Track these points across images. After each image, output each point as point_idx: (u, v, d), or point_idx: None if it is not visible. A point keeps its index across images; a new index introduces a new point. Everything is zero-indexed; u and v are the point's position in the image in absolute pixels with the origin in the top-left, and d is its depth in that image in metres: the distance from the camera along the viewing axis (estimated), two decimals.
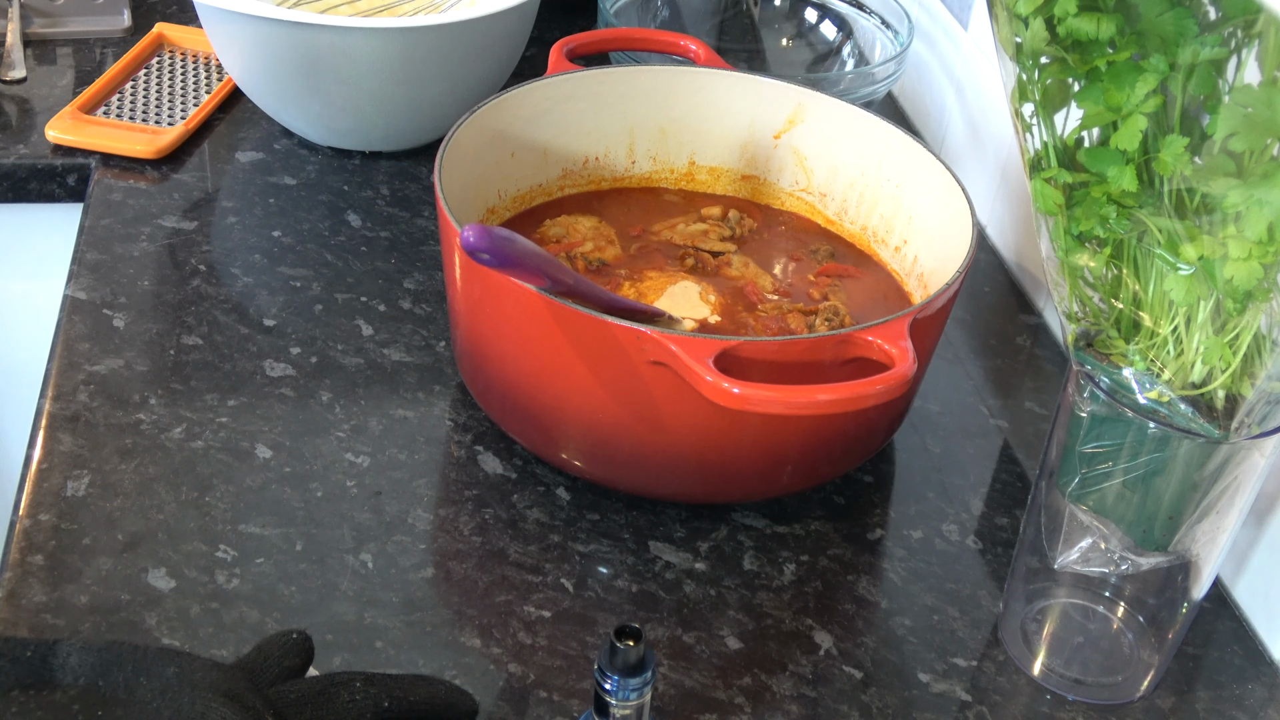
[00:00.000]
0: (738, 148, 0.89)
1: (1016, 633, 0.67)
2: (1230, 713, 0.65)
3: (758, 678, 0.64)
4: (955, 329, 0.89)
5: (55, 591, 0.63)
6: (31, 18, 1.12)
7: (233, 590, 0.65)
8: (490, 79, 0.99)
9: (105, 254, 0.86)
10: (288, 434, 0.74)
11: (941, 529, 0.73)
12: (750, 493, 0.72)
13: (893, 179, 0.84)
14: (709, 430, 0.67)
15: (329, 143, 1.00)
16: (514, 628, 0.65)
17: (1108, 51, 0.53)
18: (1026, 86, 0.57)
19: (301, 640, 0.54)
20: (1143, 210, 0.54)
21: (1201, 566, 0.61)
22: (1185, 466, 0.57)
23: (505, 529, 0.70)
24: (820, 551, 0.71)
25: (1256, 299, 0.52)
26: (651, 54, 0.96)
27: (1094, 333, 0.59)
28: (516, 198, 0.86)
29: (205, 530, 0.68)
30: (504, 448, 0.75)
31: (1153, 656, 0.65)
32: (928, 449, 0.79)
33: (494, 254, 0.60)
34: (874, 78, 1.00)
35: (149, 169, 0.96)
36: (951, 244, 0.75)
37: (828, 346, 0.64)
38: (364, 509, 0.70)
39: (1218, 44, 0.50)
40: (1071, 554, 0.62)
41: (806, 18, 1.15)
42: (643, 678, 0.52)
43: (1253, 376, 0.54)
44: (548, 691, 0.62)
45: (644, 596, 0.67)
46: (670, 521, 0.72)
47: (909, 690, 0.64)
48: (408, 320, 0.84)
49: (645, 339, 0.62)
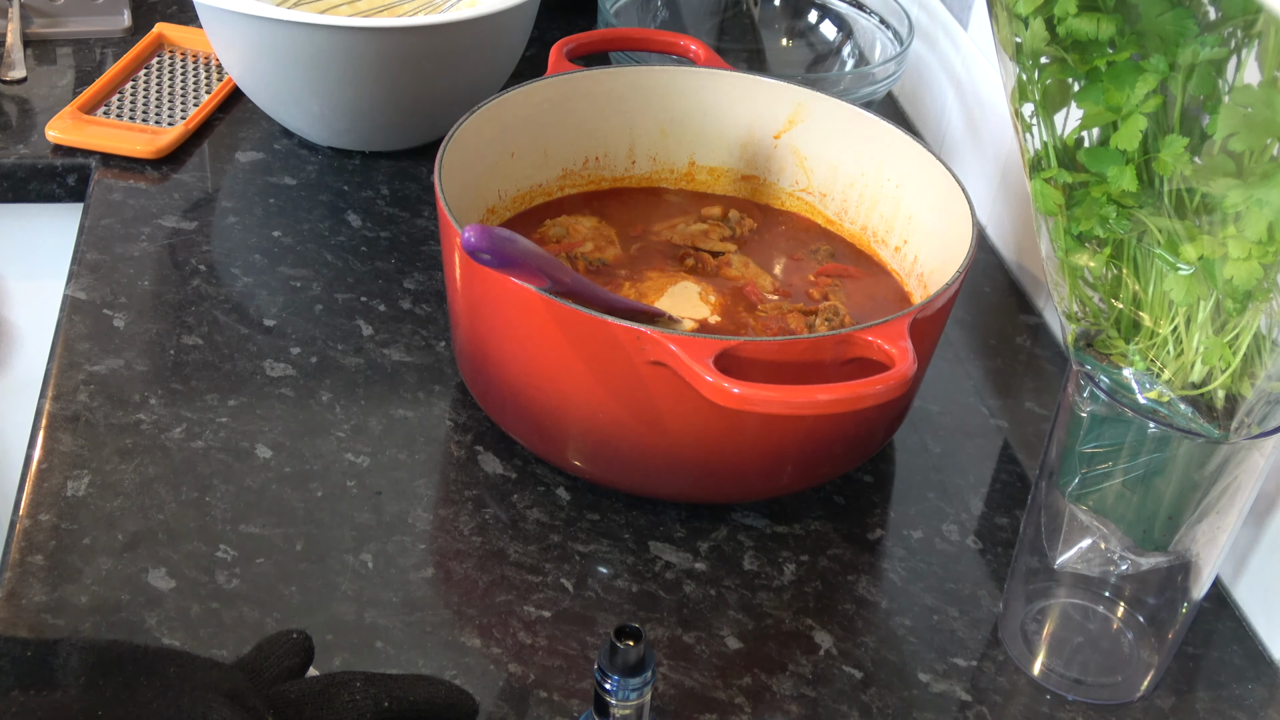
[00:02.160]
0: (738, 148, 0.89)
1: (1016, 633, 0.67)
2: (1230, 713, 0.65)
3: (758, 678, 0.64)
4: (955, 329, 0.89)
5: (55, 591, 0.63)
6: (31, 18, 1.12)
7: (233, 590, 0.65)
8: (490, 79, 0.99)
9: (105, 254, 0.86)
10: (288, 434, 0.74)
11: (941, 529, 0.73)
12: (750, 493, 0.72)
13: (893, 179, 0.84)
14: (709, 430, 0.67)
15: (329, 143, 1.00)
16: (514, 628, 0.65)
17: (1108, 51, 0.53)
18: (1026, 86, 0.57)
19: (301, 640, 0.54)
20: (1143, 210, 0.54)
21: (1201, 566, 0.61)
22: (1185, 466, 0.57)
23: (505, 529, 0.70)
24: (820, 551, 0.71)
25: (1256, 299, 0.52)
26: (651, 54, 0.96)
27: (1094, 333, 0.59)
28: (516, 198, 0.86)
29: (205, 530, 0.68)
30: (504, 448, 0.75)
31: (1153, 656, 0.65)
32: (928, 449, 0.79)
33: (494, 254, 0.60)
34: (874, 78, 1.00)
35: (149, 169, 0.96)
36: (951, 244, 0.75)
37: (828, 346, 0.64)
38: (364, 509, 0.70)
39: (1218, 44, 0.50)
40: (1071, 554, 0.62)
41: (806, 18, 1.15)
42: (643, 678, 0.52)
43: (1253, 376, 0.54)
44: (548, 691, 0.62)
45: (644, 596, 0.67)
46: (670, 521, 0.72)
47: (909, 690, 0.64)
48: (408, 320, 0.84)
49: (645, 339, 0.62)
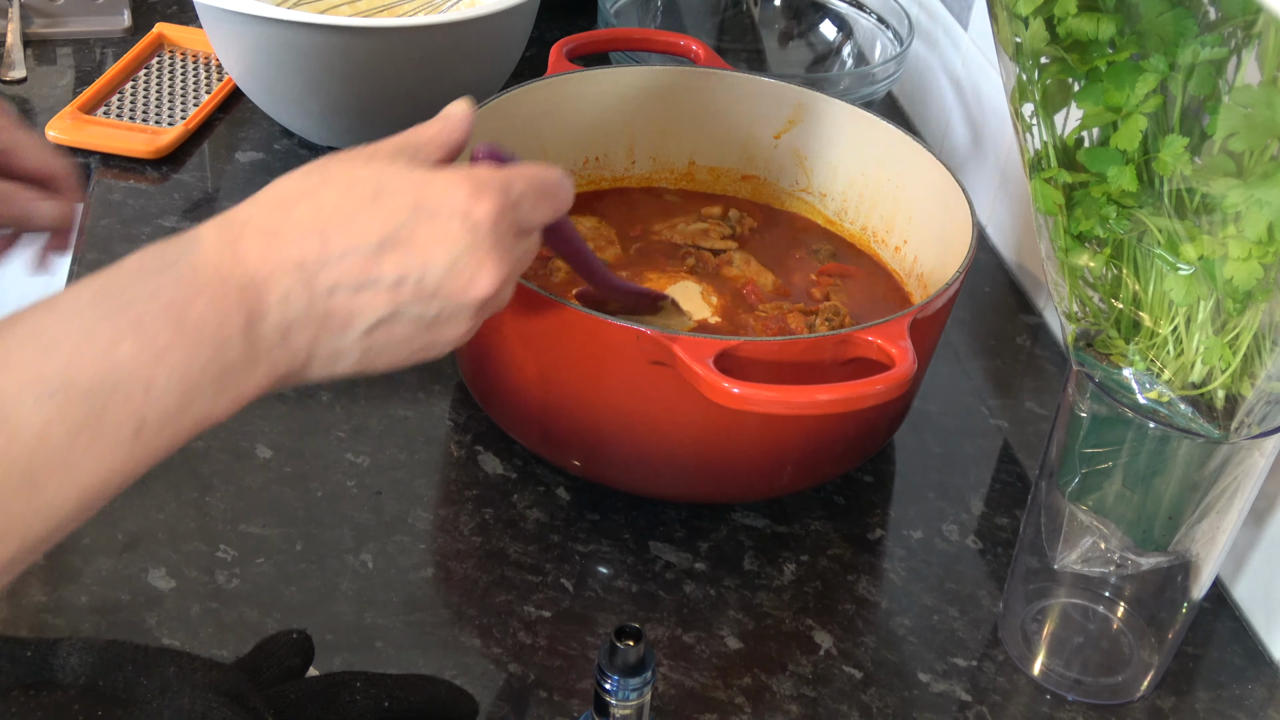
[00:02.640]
0: (738, 148, 0.89)
1: (1016, 633, 0.67)
2: (1230, 713, 0.65)
3: (758, 678, 0.64)
4: (955, 329, 0.89)
5: (55, 591, 0.63)
6: (31, 18, 1.12)
7: (233, 590, 0.65)
8: (490, 79, 0.99)
9: (105, 254, 0.86)
10: (288, 434, 0.74)
11: (941, 529, 0.73)
12: (750, 493, 0.72)
13: (893, 179, 0.84)
14: (709, 430, 0.67)
15: (329, 143, 1.00)
16: (514, 628, 0.65)
17: (1108, 51, 0.53)
18: (1026, 86, 0.57)
19: (301, 640, 0.54)
20: (1143, 210, 0.54)
21: (1201, 566, 0.61)
22: (1185, 466, 0.57)
23: (505, 529, 0.70)
24: (820, 551, 0.71)
25: (1256, 299, 0.52)
26: (651, 54, 0.96)
27: (1094, 333, 0.59)
28: None
29: (205, 530, 0.68)
30: (504, 448, 0.75)
31: (1153, 656, 0.65)
32: (928, 449, 0.79)
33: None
34: (874, 78, 1.00)
35: (149, 169, 0.96)
36: (951, 244, 0.75)
37: (828, 346, 0.64)
38: (364, 509, 0.70)
39: (1218, 44, 0.50)
40: (1071, 554, 0.62)
41: (807, 18, 1.15)
42: (643, 678, 0.52)
43: (1253, 376, 0.54)
44: (548, 691, 0.62)
45: (644, 596, 0.67)
46: (670, 521, 0.72)
47: (909, 690, 0.64)
48: None
49: (645, 339, 0.62)
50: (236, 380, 0.46)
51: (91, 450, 0.43)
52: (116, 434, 0.43)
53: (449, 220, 0.49)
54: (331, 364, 0.49)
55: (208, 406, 0.45)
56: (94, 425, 0.42)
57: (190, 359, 0.44)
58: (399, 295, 0.49)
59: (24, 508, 0.42)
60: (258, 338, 0.46)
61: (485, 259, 0.50)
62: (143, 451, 0.44)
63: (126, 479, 0.44)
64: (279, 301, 0.47)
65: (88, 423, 0.42)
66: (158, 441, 0.44)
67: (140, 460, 0.44)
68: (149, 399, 0.43)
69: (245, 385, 0.46)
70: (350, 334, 0.49)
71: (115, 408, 0.43)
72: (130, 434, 0.43)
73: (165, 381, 0.44)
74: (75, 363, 0.43)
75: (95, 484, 0.43)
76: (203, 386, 0.45)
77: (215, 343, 0.45)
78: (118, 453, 0.43)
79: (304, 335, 0.48)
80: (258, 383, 0.47)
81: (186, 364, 0.44)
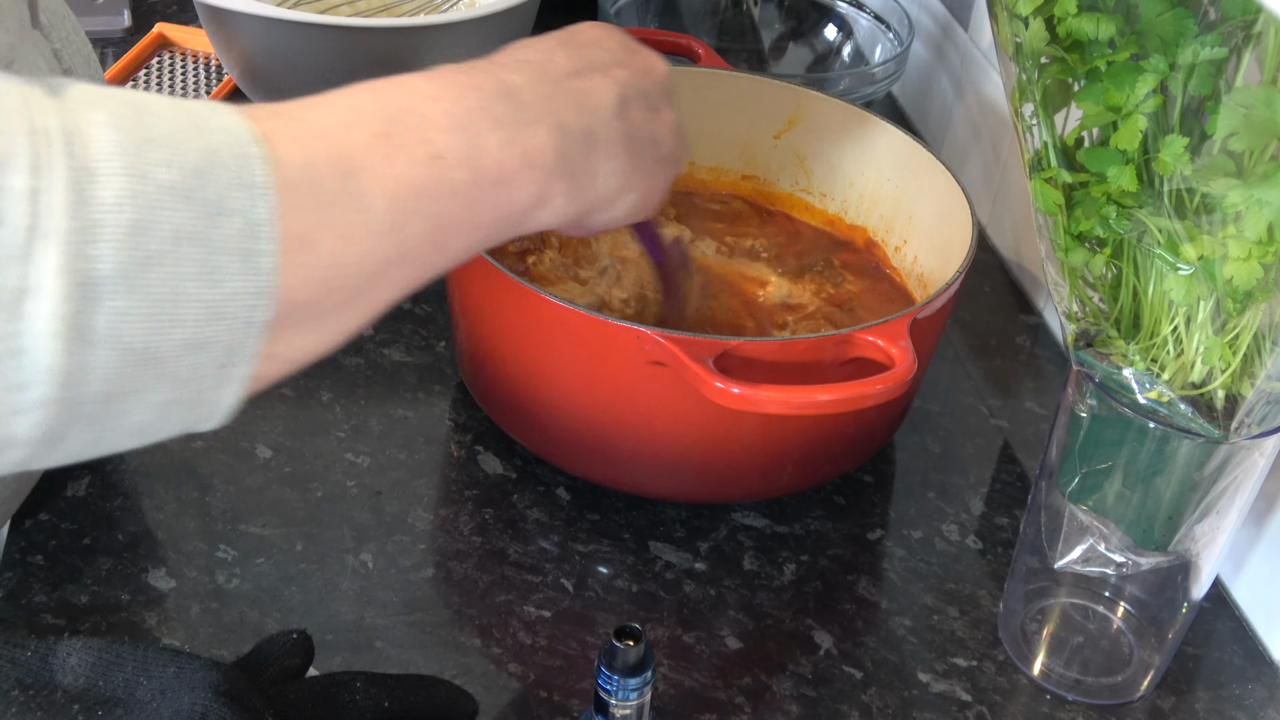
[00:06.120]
0: (738, 148, 0.89)
1: (1016, 633, 0.67)
2: (1230, 713, 0.65)
3: (758, 678, 0.64)
4: (955, 329, 0.89)
5: (55, 591, 0.63)
6: None
7: (233, 590, 0.65)
8: None
9: None
10: (288, 434, 0.74)
11: (941, 529, 0.73)
12: (750, 493, 0.72)
13: (892, 179, 0.84)
14: (709, 430, 0.67)
15: None
16: (514, 628, 0.65)
17: (1108, 51, 0.53)
18: (1026, 86, 0.57)
19: (301, 640, 0.53)
20: (1143, 210, 0.54)
21: (1201, 566, 0.61)
22: (1185, 466, 0.57)
23: (505, 529, 0.70)
24: (820, 551, 0.71)
25: (1256, 299, 0.52)
26: None
27: (1094, 333, 0.59)
28: None
29: (205, 530, 0.68)
30: (504, 448, 0.75)
31: (1153, 656, 0.65)
32: (928, 449, 0.79)
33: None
34: (874, 78, 1.00)
35: None
36: (951, 244, 0.75)
37: (828, 346, 0.64)
38: (364, 509, 0.70)
39: (1218, 44, 0.50)
40: (1071, 554, 0.62)
41: (806, 18, 1.15)
42: (643, 678, 0.52)
43: (1253, 376, 0.54)
44: (548, 691, 0.62)
45: (644, 596, 0.67)
46: (670, 521, 0.72)
47: (909, 690, 0.64)
48: (408, 320, 0.84)
49: (645, 339, 0.62)
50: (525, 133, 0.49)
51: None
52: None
53: (597, 29, 0.58)
54: (607, 158, 0.53)
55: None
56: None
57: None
58: (612, 75, 0.55)
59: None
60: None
61: (644, 48, 0.58)
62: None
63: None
64: (528, 84, 0.51)
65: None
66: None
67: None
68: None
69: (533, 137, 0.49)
70: (602, 113, 0.53)
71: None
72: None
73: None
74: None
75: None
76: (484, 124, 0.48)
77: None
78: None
79: (563, 103, 0.52)
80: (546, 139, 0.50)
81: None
